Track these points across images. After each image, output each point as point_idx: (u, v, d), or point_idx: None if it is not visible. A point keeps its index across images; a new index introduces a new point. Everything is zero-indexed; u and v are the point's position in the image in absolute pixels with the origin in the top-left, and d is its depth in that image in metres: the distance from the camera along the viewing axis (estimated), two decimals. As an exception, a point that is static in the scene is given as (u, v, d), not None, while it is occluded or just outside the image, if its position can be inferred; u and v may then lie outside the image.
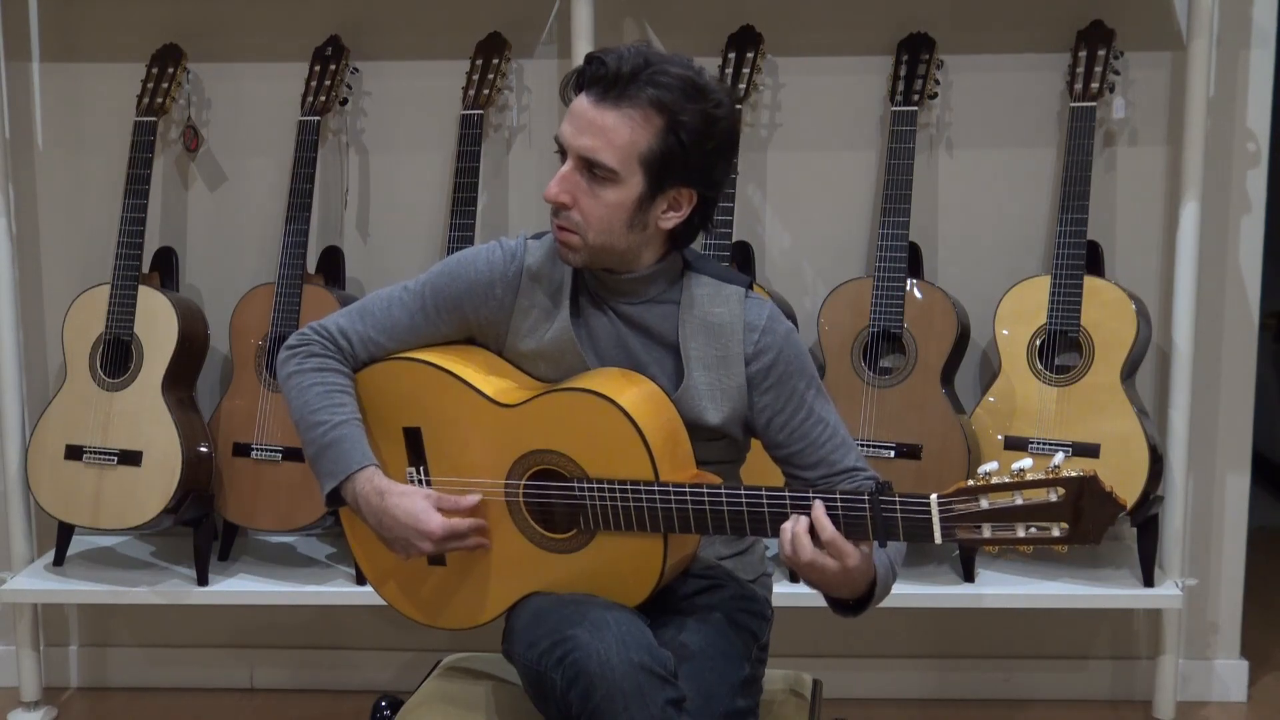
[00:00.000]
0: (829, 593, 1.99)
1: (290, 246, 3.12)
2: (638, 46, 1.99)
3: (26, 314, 3.38)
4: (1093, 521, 1.81)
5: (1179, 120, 3.15)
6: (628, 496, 1.97)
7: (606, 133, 1.95)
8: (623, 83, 1.94)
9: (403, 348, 2.15)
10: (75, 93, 3.36)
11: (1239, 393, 3.33)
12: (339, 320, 2.17)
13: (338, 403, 2.10)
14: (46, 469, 3.13)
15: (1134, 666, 3.43)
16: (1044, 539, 1.83)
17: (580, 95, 1.99)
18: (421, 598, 2.18)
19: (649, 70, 1.95)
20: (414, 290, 2.14)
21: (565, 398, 2.02)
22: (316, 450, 2.09)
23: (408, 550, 2.05)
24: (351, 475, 2.07)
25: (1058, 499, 1.81)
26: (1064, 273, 3.00)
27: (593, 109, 1.96)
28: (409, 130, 3.33)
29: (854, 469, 2.09)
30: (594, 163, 1.97)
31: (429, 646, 3.32)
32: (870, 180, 3.29)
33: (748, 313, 2.07)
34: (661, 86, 1.94)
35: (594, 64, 1.97)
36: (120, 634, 3.55)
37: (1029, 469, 1.83)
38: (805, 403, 2.08)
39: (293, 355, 2.16)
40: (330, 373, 2.13)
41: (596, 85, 1.96)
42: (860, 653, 3.43)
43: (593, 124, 1.96)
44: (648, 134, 1.95)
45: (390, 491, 2.05)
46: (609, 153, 1.96)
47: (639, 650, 1.88)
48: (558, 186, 2.00)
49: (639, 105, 1.95)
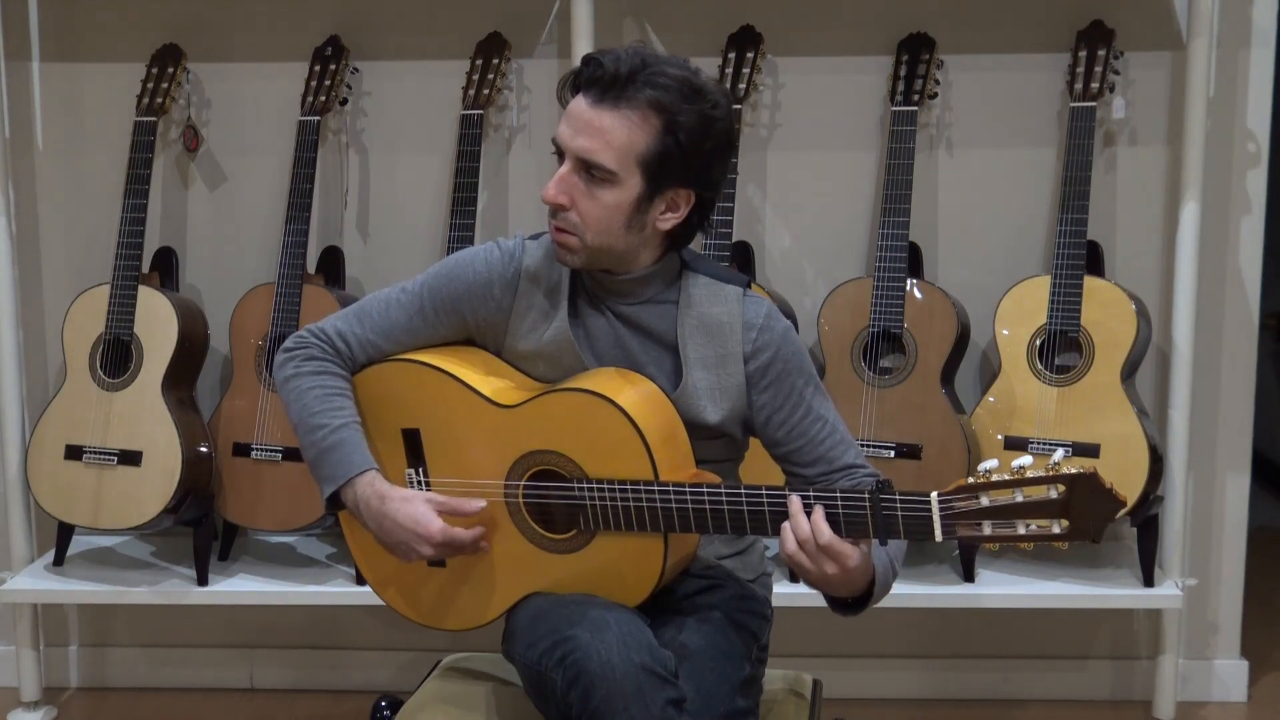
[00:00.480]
0: (829, 592, 1.99)
1: (290, 246, 3.12)
2: (635, 48, 1.98)
3: (26, 314, 3.38)
4: (1093, 518, 1.81)
5: (1179, 120, 3.15)
6: (627, 496, 1.97)
7: (604, 134, 1.95)
8: (620, 84, 1.94)
9: (401, 349, 2.14)
10: (75, 93, 3.36)
11: (1239, 393, 3.33)
12: (336, 323, 2.16)
13: (337, 406, 2.10)
14: (46, 469, 3.13)
15: (1134, 666, 3.43)
16: (1044, 536, 1.83)
17: (578, 96, 1.98)
18: (421, 599, 2.18)
19: (646, 71, 1.94)
20: (412, 292, 2.14)
21: (564, 398, 2.02)
22: (316, 454, 2.09)
23: (407, 555, 2.05)
24: (352, 479, 2.06)
25: (1058, 496, 1.81)
26: (1064, 273, 3.00)
27: (590, 110, 1.96)
28: (409, 130, 3.33)
29: (853, 466, 2.09)
30: (592, 164, 1.96)
31: (429, 646, 3.32)
32: (870, 180, 3.29)
33: (745, 311, 2.07)
34: (659, 87, 1.94)
35: (591, 65, 1.96)
36: (120, 634, 3.55)
37: (1029, 466, 1.83)
38: (804, 400, 2.08)
39: (290, 358, 2.15)
40: (329, 375, 2.12)
41: (594, 87, 1.96)
42: (860, 653, 3.43)
43: (590, 125, 1.95)
44: (645, 135, 1.95)
45: (391, 496, 2.04)
46: (607, 154, 1.95)
47: (639, 650, 1.88)
48: (555, 188, 1.99)
49: (637, 106, 1.94)
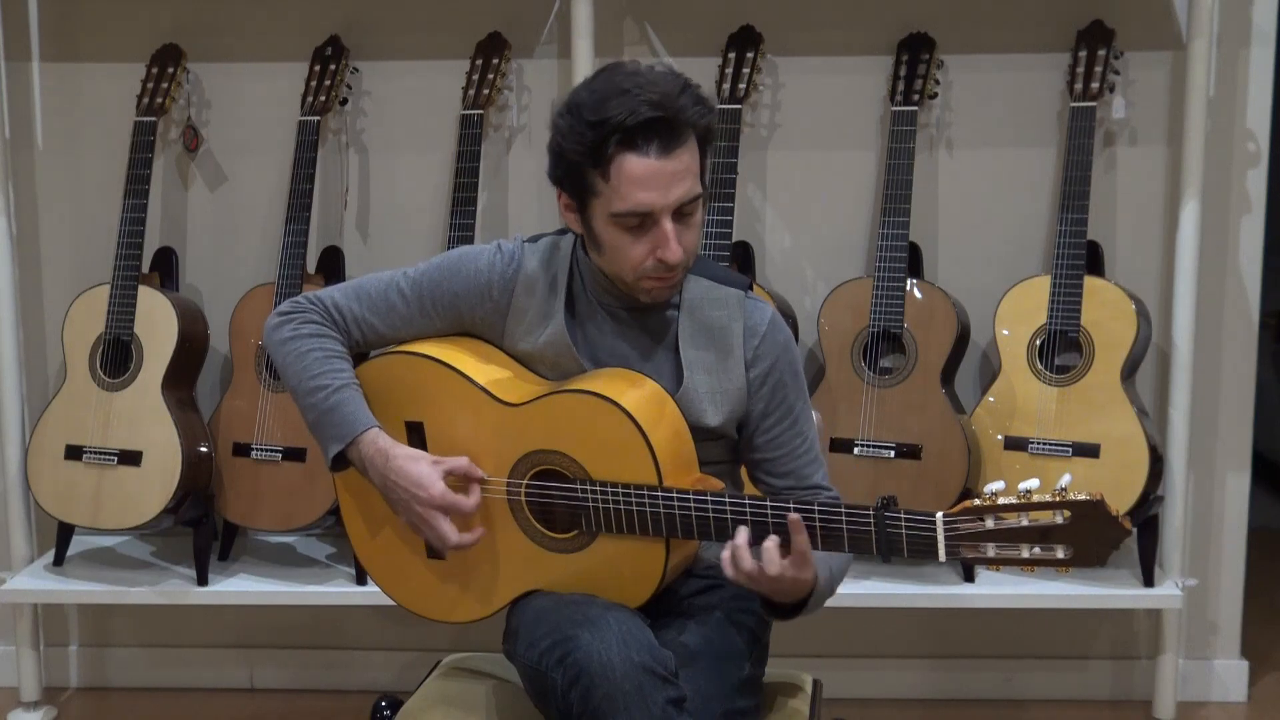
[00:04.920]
0: (772, 598, 1.99)
1: (290, 246, 3.12)
2: (658, 76, 1.95)
3: (26, 314, 3.38)
4: (1097, 545, 1.80)
5: (1179, 120, 3.15)
6: (630, 501, 1.97)
7: (687, 170, 1.95)
8: (676, 122, 1.93)
9: (394, 334, 2.15)
10: (75, 93, 3.36)
11: (1239, 393, 3.33)
12: (335, 295, 2.17)
13: (337, 368, 2.11)
14: (46, 469, 3.13)
15: (1134, 666, 3.43)
16: (1048, 560, 1.82)
17: (637, 156, 1.93)
18: (421, 592, 2.18)
19: (681, 97, 1.93)
20: (413, 279, 2.14)
21: (569, 399, 2.02)
22: (318, 415, 2.10)
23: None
24: (356, 438, 2.07)
25: (1064, 521, 1.80)
26: (1064, 273, 3.00)
27: (668, 160, 1.93)
28: (409, 130, 3.33)
29: (819, 486, 2.12)
30: (688, 200, 1.96)
31: (429, 646, 3.32)
32: (870, 180, 3.28)
33: (748, 316, 2.08)
34: (690, 109, 1.94)
35: (647, 120, 1.91)
36: (120, 634, 3.55)
37: (1035, 490, 1.82)
38: (791, 413, 2.10)
39: (287, 320, 2.15)
40: (327, 339, 2.13)
41: (656, 138, 1.93)
42: (860, 653, 3.42)
43: (675, 174, 1.94)
44: (696, 153, 1.97)
45: (396, 454, 2.06)
46: (694, 183, 1.97)
47: (639, 650, 1.88)
48: (679, 248, 1.97)
49: (687, 135, 1.95)
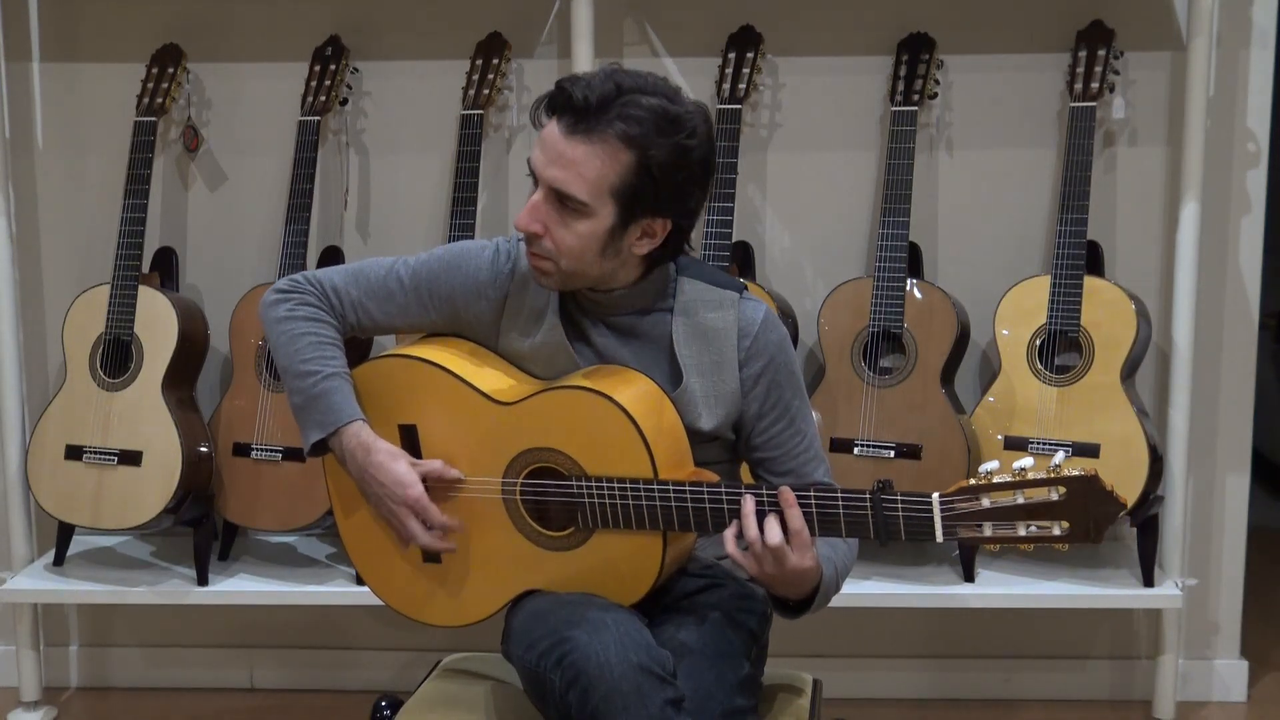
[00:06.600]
0: (777, 590, 2.00)
1: (290, 246, 3.12)
2: (610, 71, 1.96)
3: (26, 314, 3.38)
4: (1094, 520, 1.82)
5: (1179, 120, 3.15)
6: (626, 494, 1.97)
7: (576, 166, 1.93)
8: (592, 115, 1.91)
9: (389, 321, 2.16)
10: (75, 93, 3.36)
11: (1239, 393, 3.33)
12: (333, 277, 2.17)
13: (329, 355, 2.11)
14: (46, 469, 3.13)
15: (1134, 666, 3.42)
16: (1045, 538, 1.84)
17: (551, 122, 1.95)
18: (416, 595, 2.18)
19: (620, 101, 1.91)
20: (413, 268, 2.14)
21: (563, 395, 2.02)
22: (304, 400, 2.10)
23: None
24: (339, 429, 2.08)
25: (1059, 498, 1.82)
26: (1064, 273, 3.00)
27: (563, 141, 1.93)
28: (409, 130, 3.33)
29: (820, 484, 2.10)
30: (564, 195, 1.95)
31: (429, 646, 3.31)
32: (870, 180, 3.28)
33: (742, 317, 2.08)
34: (631, 120, 1.91)
35: (563, 92, 1.93)
36: (120, 634, 3.55)
37: (1030, 468, 1.84)
38: (789, 412, 2.09)
39: (284, 299, 2.15)
40: (322, 324, 2.13)
41: (567, 114, 1.93)
42: (860, 653, 3.42)
43: (563, 156, 1.93)
44: (617, 168, 1.93)
45: (376, 450, 2.07)
46: (579, 185, 1.93)
47: (638, 650, 1.88)
48: (528, 217, 1.98)
49: (608, 140, 1.91)
